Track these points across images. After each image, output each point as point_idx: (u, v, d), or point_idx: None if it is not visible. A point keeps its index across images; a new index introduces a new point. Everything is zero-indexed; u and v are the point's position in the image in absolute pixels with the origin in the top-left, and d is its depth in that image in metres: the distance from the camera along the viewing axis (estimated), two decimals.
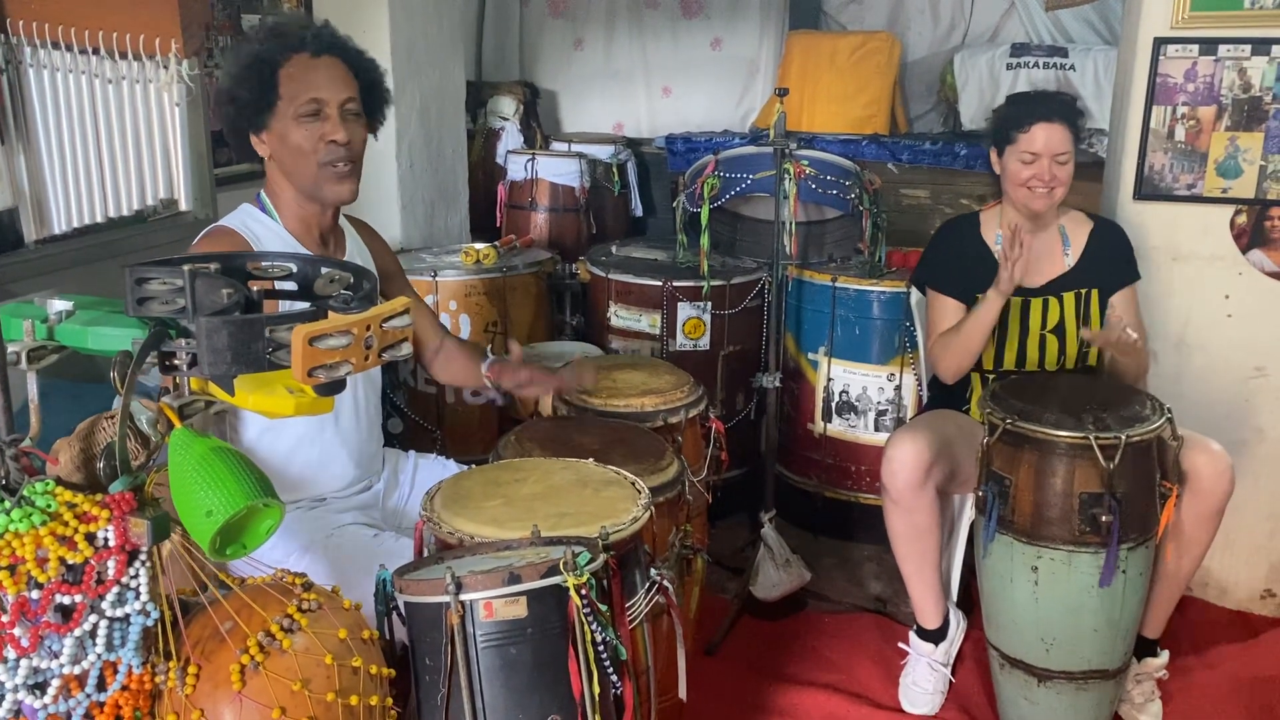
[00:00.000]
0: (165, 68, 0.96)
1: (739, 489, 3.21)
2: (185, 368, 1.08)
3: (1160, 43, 2.65)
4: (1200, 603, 2.85)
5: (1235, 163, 2.66)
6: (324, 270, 1.24)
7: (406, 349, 1.08)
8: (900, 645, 2.55)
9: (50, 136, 1.07)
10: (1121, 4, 3.92)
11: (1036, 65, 4.06)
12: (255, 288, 1.26)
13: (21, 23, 0.99)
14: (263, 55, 1.79)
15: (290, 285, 1.26)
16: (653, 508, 1.55)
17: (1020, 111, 2.43)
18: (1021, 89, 4.07)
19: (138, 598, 1.08)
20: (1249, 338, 2.74)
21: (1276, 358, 2.73)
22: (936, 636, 2.49)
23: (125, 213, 1.10)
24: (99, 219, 1.08)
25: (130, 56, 0.98)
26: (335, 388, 1.05)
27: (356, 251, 2.06)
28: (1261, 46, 2.58)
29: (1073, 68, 3.99)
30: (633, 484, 1.62)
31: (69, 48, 1.00)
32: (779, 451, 3.13)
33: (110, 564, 1.06)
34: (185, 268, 1.15)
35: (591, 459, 1.71)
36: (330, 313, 1.03)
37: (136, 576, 1.07)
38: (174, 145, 1.03)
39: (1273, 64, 2.58)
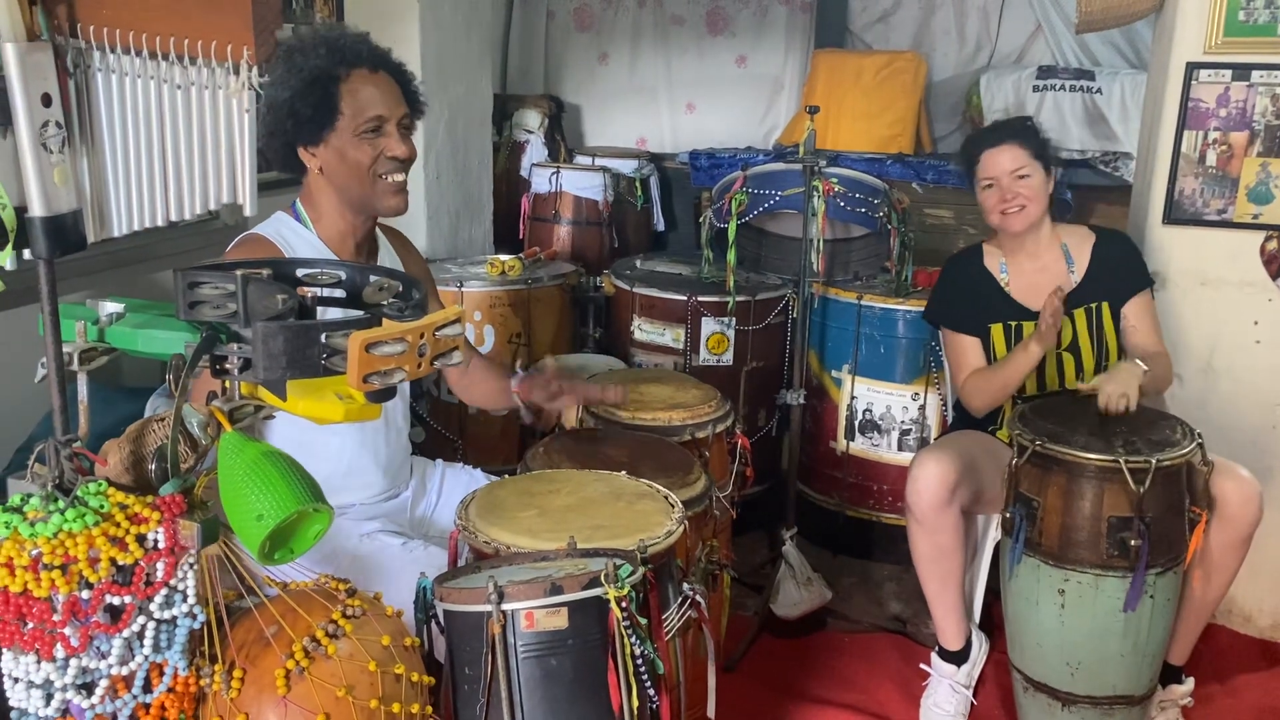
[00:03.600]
0: (236, 74, 0.97)
1: (759, 505, 3.21)
2: (237, 372, 1.09)
3: (1193, 68, 2.66)
4: (1224, 630, 2.83)
5: (1267, 188, 2.65)
6: (373, 279, 1.25)
7: (458, 356, 1.08)
8: (921, 666, 2.54)
9: (116, 140, 1.08)
10: (1151, 29, 3.93)
11: (1063, 88, 4.06)
12: (304, 294, 1.27)
13: (93, 28, 1.00)
14: (325, 70, 1.79)
15: (339, 293, 1.27)
16: (686, 521, 1.55)
17: (970, 147, 2.52)
18: (1048, 111, 4.08)
19: (185, 600, 1.08)
20: (1277, 365, 2.73)
21: None
22: (959, 658, 2.48)
23: (188, 217, 1.11)
24: (160, 223, 1.09)
25: (201, 62, 0.99)
26: (387, 395, 1.06)
27: (389, 259, 2.07)
28: None
29: (1099, 91, 3.99)
30: (665, 497, 1.62)
31: (139, 53, 1.01)
32: (800, 469, 3.12)
33: (159, 566, 1.06)
34: (238, 273, 1.16)
35: (623, 472, 1.71)
36: (385, 320, 1.04)
37: (185, 579, 1.08)
38: (241, 151, 1.04)
39: None
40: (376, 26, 3.36)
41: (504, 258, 3.43)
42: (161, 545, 1.06)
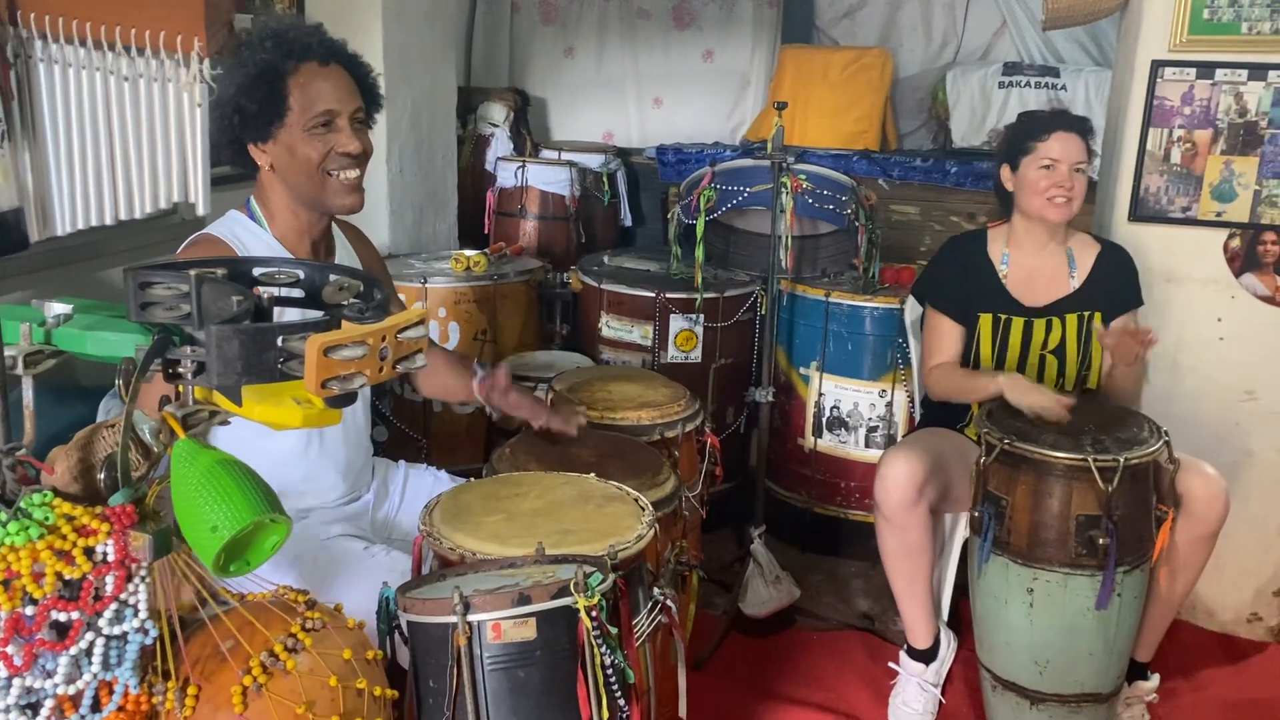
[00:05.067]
0: (186, 66, 0.92)
1: (727, 502, 3.19)
2: (191, 376, 1.05)
3: (1158, 65, 2.66)
4: (1188, 625, 2.85)
5: (1230, 186, 2.67)
6: (332, 278, 1.20)
7: (421, 360, 1.04)
8: (890, 665, 2.53)
9: (59, 135, 1.02)
10: (1116, 26, 3.96)
11: (1028, 84, 4.08)
12: (260, 295, 1.23)
13: (34, 16, 0.94)
14: (271, 64, 1.73)
15: (297, 293, 1.23)
16: (656, 525, 1.52)
17: (1038, 122, 2.46)
18: (1013, 108, 4.09)
19: (136, 615, 1.04)
20: (1240, 361, 2.75)
21: (1267, 381, 2.74)
22: (927, 656, 2.47)
23: (137, 215, 1.06)
24: (108, 221, 1.03)
25: (149, 54, 0.93)
26: (346, 400, 1.02)
27: (346, 257, 2.02)
28: (1258, 72, 2.59)
29: (1064, 88, 4.02)
30: (635, 500, 1.59)
31: (84, 42, 0.95)
32: (768, 466, 3.11)
33: (109, 579, 1.02)
34: (192, 273, 1.12)
35: (592, 474, 1.68)
36: (344, 322, 1.00)
37: (136, 593, 1.03)
38: (193, 147, 0.99)
39: (1269, 89, 2.60)
40: (337, 17, 3.31)
41: (469, 253, 3.39)
42: (111, 558, 1.01)
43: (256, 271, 1.20)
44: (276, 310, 1.16)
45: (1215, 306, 2.74)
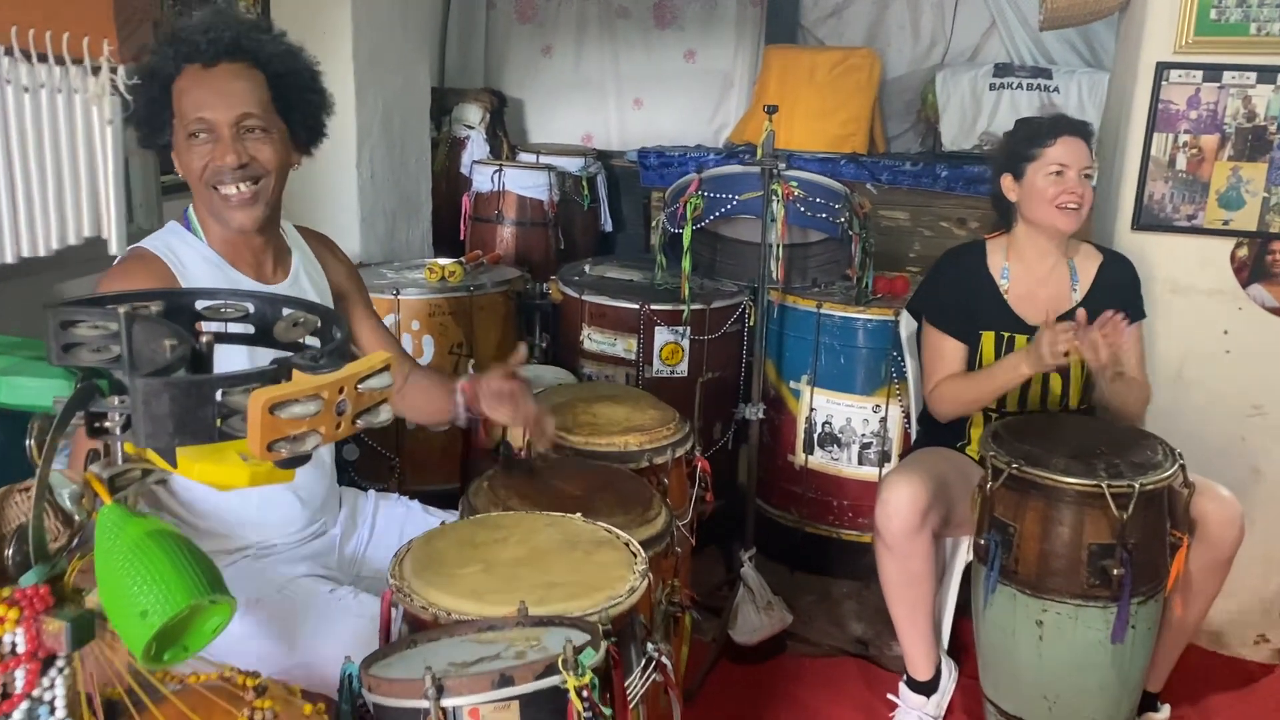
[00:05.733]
0: (95, 74, 0.76)
1: (714, 522, 3.04)
2: (118, 431, 0.90)
3: (1163, 68, 2.56)
4: (1193, 648, 2.73)
5: (1238, 194, 2.57)
6: (285, 312, 1.06)
7: (385, 414, 0.91)
8: (890, 697, 2.42)
9: None
10: (1109, 27, 3.86)
11: (1020, 86, 3.97)
12: (204, 329, 1.09)
13: None
14: (155, 69, 1.60)
15: (246, 328, 1.08)
16: (650, 573, 1.39)
17: (1041, 127, 2.33)
18: (1005, 110, 3.99)
19: (52, 713, 0.89)
20: (1247, 374, 2.65)
21: (1275, 396, 2.65)
22: (928, 688, 2.36)
23: (41, 253, 0.91)
24: (8, 259, 0.89)
25: (53, 60, 0.77)
26: (300, 461, 0.88)
27: (305, 269, 1.85)
28: (1267, 74, 2.49)
29: (1057, 90, 3.91)
30: (626, 544, 1.46)
31: None
32: (756, 483, 2.98)
33: (19, 674, 0.87)
34: (121, 310, 0.97)
35: (579, 514, 1.55)
36: (295, 372, 0.86)
37: (52, 688, 0.89)
38: (104, 173, 0.82)
39: (1278, 93, 2.49)
40: (306, 16, 3.15)
41: (444, 262, 3.24)
42: (21, 649, 0.87)
43: (199, 304, 1.06)
44: (220, 349, 1.02)
45: (1221, 318, 2.64)
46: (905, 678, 2.40)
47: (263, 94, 1.65)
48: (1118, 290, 2.39)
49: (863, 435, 2.96)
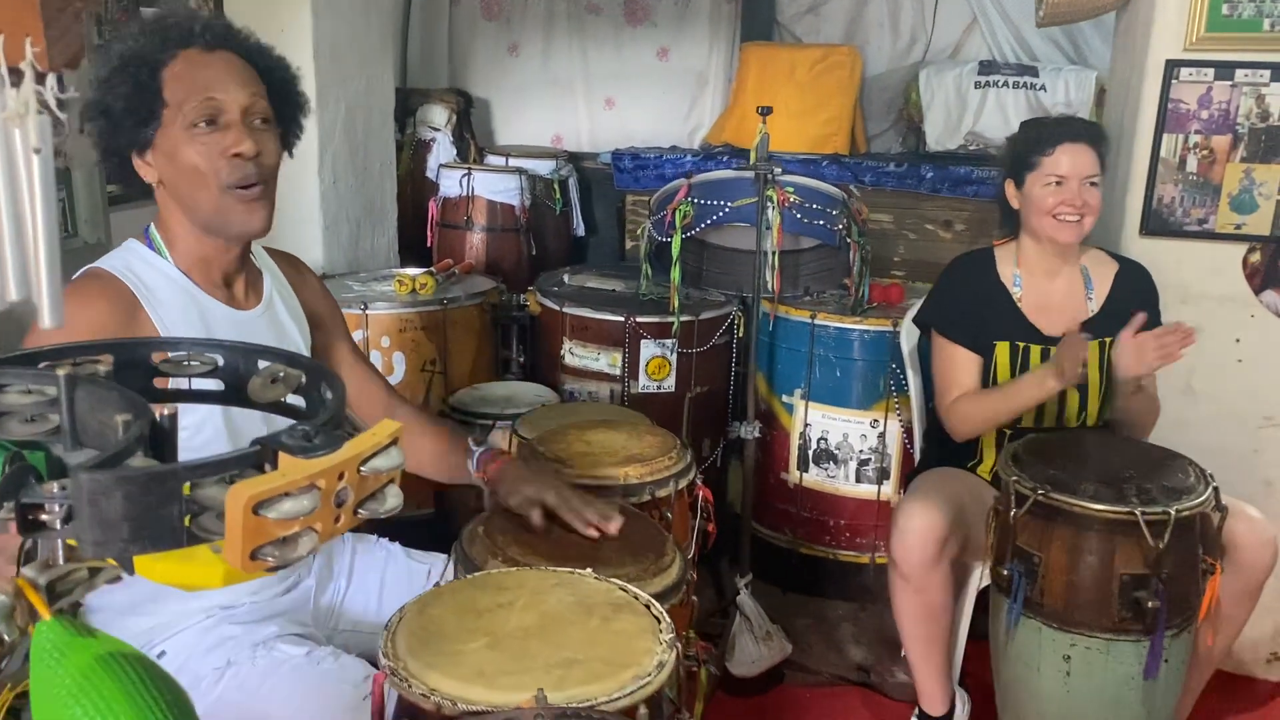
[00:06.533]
0: (17, 86, 0.58)
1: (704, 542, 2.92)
2: (59, 525, 0.72)
3: (1173, 65, 2.44)
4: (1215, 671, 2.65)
5: (1250, 197, 2.46)
6: (262, 366, 0.89)
7: (394, 500, 0.74)
8: None
9: None
10: (1102, 24, 3.76)
11: (1006, 84, 3.86)
12: (165, 386, 0.91)
13: None
14: (140, 54, 1.41)
15: (214, 383, 0.91)
16: (678, 643, 1.23)
17: (1042, 133, 2.21)
18: (990, 109, 3.88)
19: None
20: (1259, 384, 2.55)
21: None
22: None
23: None
24: None
25: None
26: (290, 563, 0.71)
27: (278, 294, 1.67)
28: None
29: (1044, 88, 3.81)
30: (648, 606, 1.30)
31: None
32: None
33: None
34: (61, 372, 0.80)
35: (589, 569, 1.38)
36: (281, 455, 0.69)
37: None
38: (32, 218, 0.62)
39: None
40: (262, 11, 2.94)
41: (414, 273, 3.06)
42: None
43: (158, 359, 0.88)
44: (185, 411, 0.85)
45: (1233, 326, 2.54)
46: (917, 711, 2.28)
47: (260, 86, 1.49)
48: (1136, 301, 2.27)
49: (860, 451, 2.83)
